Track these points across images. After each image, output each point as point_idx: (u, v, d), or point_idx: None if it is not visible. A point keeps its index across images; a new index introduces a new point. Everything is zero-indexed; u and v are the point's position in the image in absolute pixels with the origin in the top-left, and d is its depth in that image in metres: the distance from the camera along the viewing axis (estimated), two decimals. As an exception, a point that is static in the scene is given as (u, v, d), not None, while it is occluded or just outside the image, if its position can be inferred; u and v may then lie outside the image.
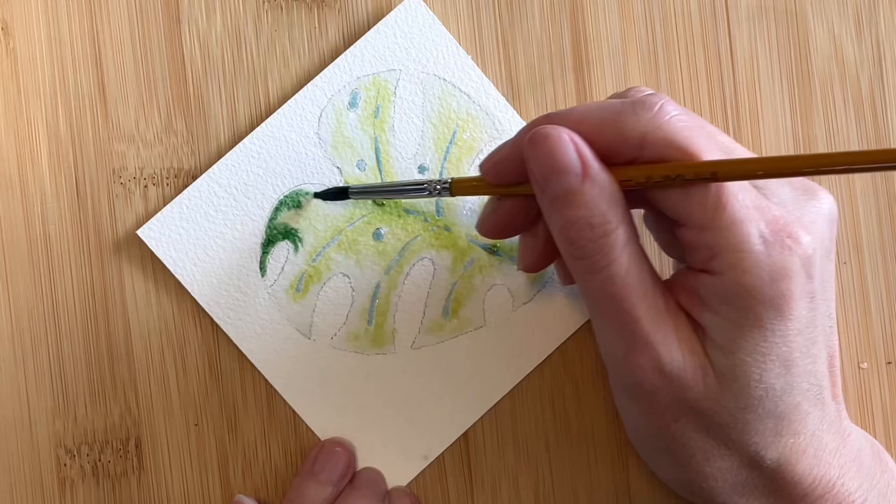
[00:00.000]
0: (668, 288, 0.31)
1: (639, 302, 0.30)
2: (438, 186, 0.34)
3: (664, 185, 0.30)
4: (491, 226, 0.34)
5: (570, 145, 0.30)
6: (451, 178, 0.34)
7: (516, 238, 0.38)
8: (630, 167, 0.30)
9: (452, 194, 0.34)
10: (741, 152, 0.32)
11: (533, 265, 0.34)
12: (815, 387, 0.31)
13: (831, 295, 0.32)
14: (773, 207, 0.30)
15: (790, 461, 0.31)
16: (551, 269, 0.38)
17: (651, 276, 0.31)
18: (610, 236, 0.30)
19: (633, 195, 0.31)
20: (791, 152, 0.39)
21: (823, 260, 0.31)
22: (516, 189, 0.32)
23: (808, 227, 0.30)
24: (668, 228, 0.32)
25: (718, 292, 0.30)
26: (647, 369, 0.30)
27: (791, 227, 0.30)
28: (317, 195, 0.38)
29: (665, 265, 0.38)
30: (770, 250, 0.29)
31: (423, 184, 0.35)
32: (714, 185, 0.29)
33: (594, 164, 0.30)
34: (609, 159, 0.30)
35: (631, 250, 0.30)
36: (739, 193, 0.29)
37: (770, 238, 0.29)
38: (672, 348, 0.30)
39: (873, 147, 0.39)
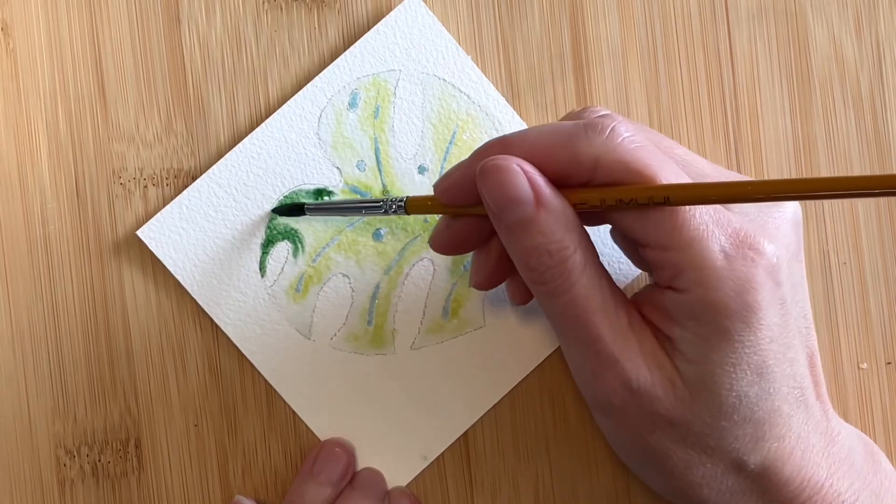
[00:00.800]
0: (635, 303, 0.32)
1: (601, 322, 0.30)
2: (394, 205, 0.35)
3: (619, 209, 0.30)
4: (444, 242, 0.34)
5: (521, 175, 0.30)
6: (406, 197, 0.35)
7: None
8: (584, 190, 0.30)
9: (407, 213, 0.35)
10: (700, 165, 0.32)
11: (485, 282, 0.34)
12: (795, 389, 0.31)
13: (804, 296, 0.32)
14: (733, 220, 0.30)
15: (775, 464, 0.31)
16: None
17: (612, 295, 0.31)
18: (568, 261, 0.30)
19: (593, 213, 0.31)
20: (791, 153, 0.39)
21: (791, 264, 0.31)
22: (470, 210, 0.33)
23: (773, 234, 0.30)
24: (633, 244, 0.32)
25: (685, 308, 0.30)
26: (615, 386, 0.31)
27: (752, 237, 0.30)
28: (274, 210, 0.38)
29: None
30: (732, 264, 0.29)
31: (378, 202, 0.35)
32: (672, 207, 0.29)
33: (546, 191, 0.30)
34: (563, 183, 0.30)
35: (590, 272, 0.30)
36: (696, 211, 0.29)
37: (731, 252, 0.29)
38: (637, 364, 0.30)
39: (872, 147, 0.39)
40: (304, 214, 0.37)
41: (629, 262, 0.37)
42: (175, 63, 0.38)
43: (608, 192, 0.30)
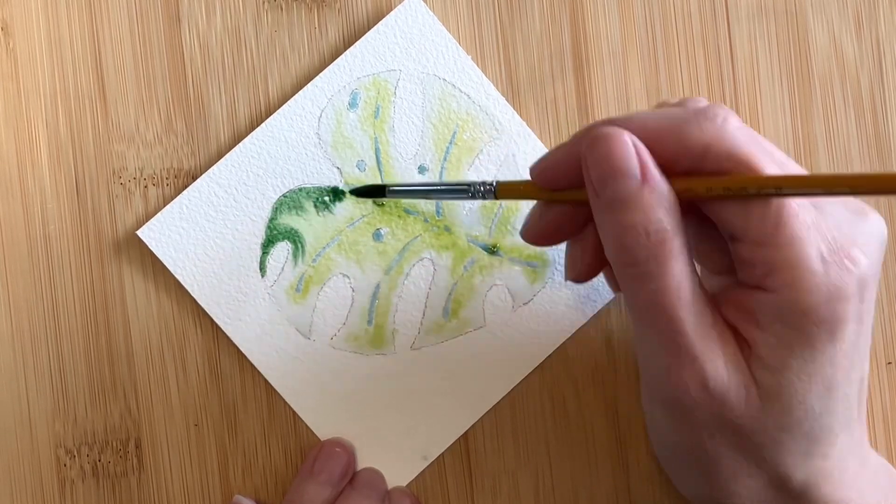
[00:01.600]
0: (715, 302, 0.31)
1: (688, 316, 0.29)
2: (482, 188, 0.34)
3: (723, 198, 0.29)
4: (537, 232, 0.33)
5: (632, 148, 0.29)
6: (497, 181, 0.33)
7: (518, 239, 0.38)
8: (691, 178, 0.29)
9: (497, 197, 0.34)
10: (796, 169, 0.31)
11: (582, 274, 0.33)
12: (847, 410, 0.31)
13: (871, 319, 0.31)
14: (831, 227, 0.29)
15: (816, 483, 0.31)
16: (547, 270, 0.38)
17: (702, 291, 0.30)
18: (665, 245, 0.29)
19: (682, 206, 0.30)
20: (791, 152, 0.39)
21: (874, 283, 0.30)
22: (566, 194, 0.31)
23: (864, 248, 0.30)
24: (711, 240, 0.31)
25: (772, 310, 0.29)
26: (692, 384, 0.29)
27: (849, 247, 0.29)
28: (353, 192, 0.37)
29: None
30: (829, 270, 0.28)
31: (466, 185, 0.34)
32: (775, 202, 0.28)
33: (654, 170, 0.29)
34: (667, 168, 0.29)
35: (683, 262, 0.29)
36: (800, 211, 0.29)
37: (829, 258, 0.29)
38: (718, 364, 0.29)
39: (873, 147, 0.39)
40: (385, 196, 0.37)
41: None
42: (175, 63, 0.38)
43: (717, 180, 0.29)
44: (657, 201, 0.29)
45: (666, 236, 0.29)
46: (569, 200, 0.32)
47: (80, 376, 0.38)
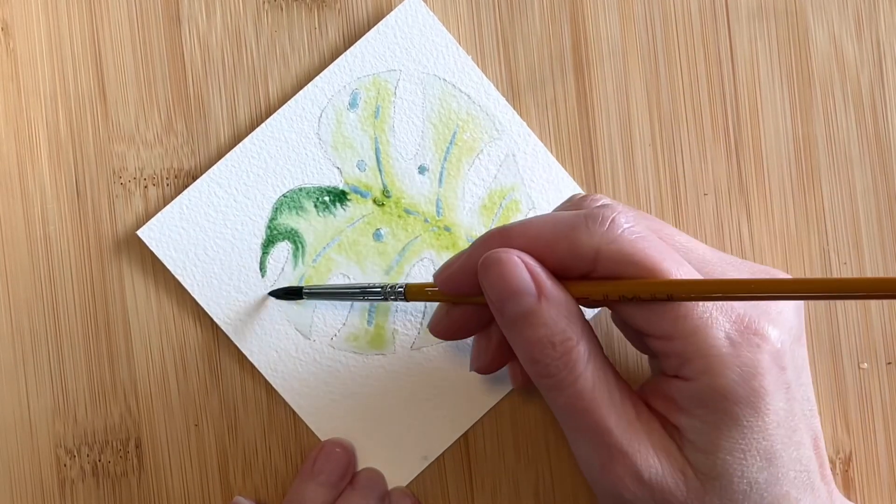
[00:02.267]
0: (642, 393, 0.32)
1: (608, 413, 0.30)
2: (392, 291, 0.35)
3: (622, 303, 0.30)
4: (444, 329, 0.34)
5: (522, 267, 0.30)
6: (406, 284, 0.35)
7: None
8: (587, 283, 0.30)
9: (407, 300, 0.35)
10: (701, 251, 0.32)
11: (486, 367, 0.34)
12: (802, 473, 0.31)
13: (807, 379, 0.32)
14: (736, 305, 0.30)
15: None
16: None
17: (618, 385, 0.31)
18: (572, 352, 0.30)
19: (591, 303, 0.31)
20: (791, 152, 0.39)
21: (794, 347, 0.31)
22: (469, 299, 0.33)
23: (775, 318, 0.30)
24: (636, 331, 0.32)
25: (693, 396, 0.30)
26: (626, 479, 0.30)
27: (756, 323, 0.30)
28: (271, 293, 0.38)
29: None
30: (738, 350, 0.29)
31: (377, 287, 0.35)
32: None
33: (548, 283, 0.30)
34: (563, 274, 0.30)
35: (595, 364, 0.30)
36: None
37: (737, 338, 0.29)
38: (648, 455, 0.30)
39: (873, 147, 0.39)
40: (302, 298, 0.37)
41: None
42: (175, 63, 0.38)
43: (611, 286, 0.30)
44: (557, 312, 0.30)
45: (571, 344, 0.30)
46: (472, 303, 0.33)
47: (80, 376, 0.38)
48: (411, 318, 0.38)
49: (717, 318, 0.29)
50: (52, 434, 0.38)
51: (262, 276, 0.38)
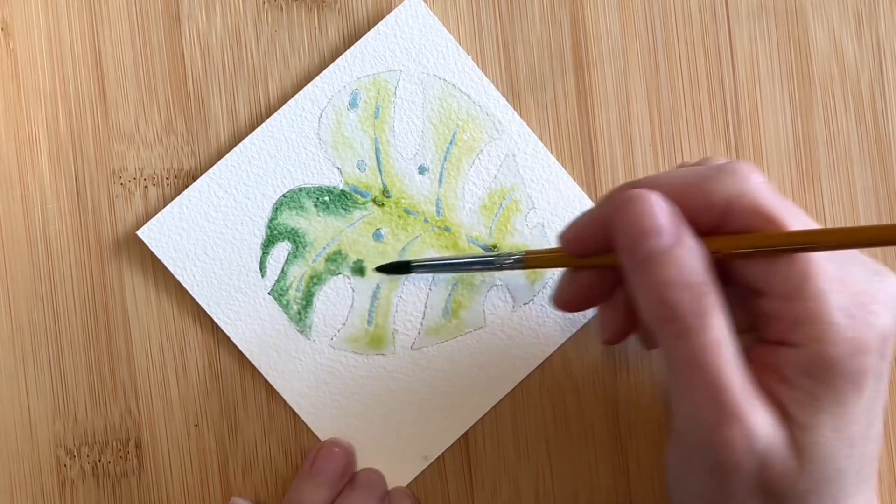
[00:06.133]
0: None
1: (732, 371, 0.29)
2: (510, 260, 0.34)
3: (751, 256, 0.29)
4: (569, 298, 0.33)
5: (663, 207, 0.29)
6: (525, 252, 0.34)
7: (517, 239, 0.38)
8: (718, 238, 0.30)
9: (525, 267, 0.34)
10: (813, 225, 0.31)
11: (616, 336, 0.33)
12: (862, 470, 0.30)
13: (886, 385, 0.31)
14: (853, 283, 0.29)
15: None
16: (548, 271, 0.38)
17: (740, 348, 0.29)
18: (705, 299, 0.29)
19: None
20: (791, 152, 0.39)
21: (892, 341, 0.30)
22: (595, 259, 0.32)
23: (888, 304, 0.30)
24: (730, 298, 0.31)
25: (799, 364, 0.29)
26: (739, 442, 0.29)
27: (871, 303, 0.29)
28: (378, 268, 0.38)
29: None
30: (853, 324, 0.29)
31: (491, 257, 0.35)
32: (800, 256, 0.28)
33: (686, 228, 0.29)
34: (693, 225, 0.30)
35: (722, 318, 0.29)
36: (825, 265, 0.29)
37: (853, 311, 0.29)
38: (765, 423, 0.29)
39: (873, 146, 0.39)
40: (410, 272, 0.37)
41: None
42: (175, 63, 0.38)
43: (745, 238, 0.29)
44: (695, 257, 0.29)
45: (705, 290, 0.29)
46: (598, 266, 0.32)
47: (80, 376, 0.38)
48: (411, 318, 0.38)
49: (838, 287, 0.29)
50: (52, 434, 0.38)
51: (262, 276, 0.38)
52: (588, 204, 0.39)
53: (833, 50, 0.39)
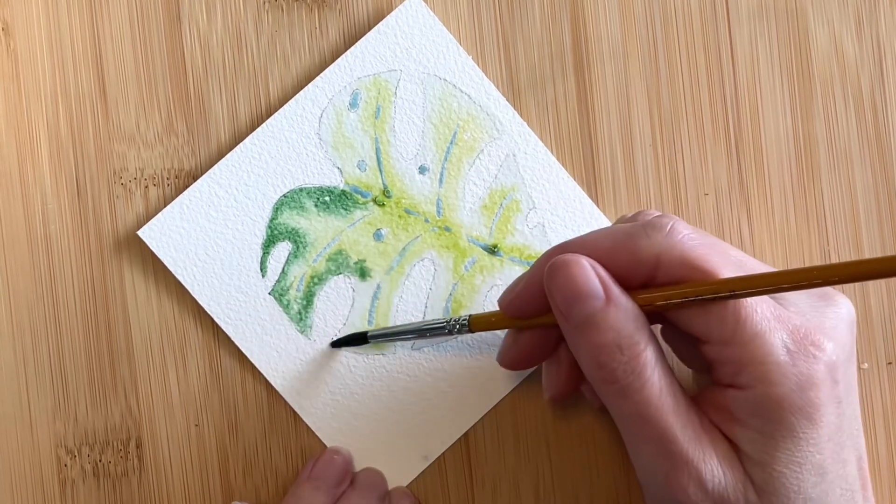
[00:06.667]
0: (697, 404, 0.31)
1: (675, 421, 0.30)
2: (457, 324, 0.35)
3: (681, 306, 0.30)
4: (512, 358, 0.34)
5: (591, 271, 0.30)
6: (469, 315, 0.35)
7: (518, 239, 0.38)
8: (648, 291, 0.30)
9: (471, 331, 0.35)
10: (754, 265, 0.32)
11: (560, 393, 0.34)
12: (847, 491, 0.31)
13: (855, 398, 0.32)
14: (792, 316, 0.30)
15: None
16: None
17: (682, 394, 0.30)
18: (640, 357, 0.30)
19: (651, 313, 0.31)
20: (791, 151, 0.39)
21: (846, 364, 0.31)
22: (535, 321, 0.33)
23: (830, 333, 0.30)
24: (688, 342, 0.32)
25: (748, 406, 0.30)
26: (690, 488, 0.30)
27: (813, 334, 0.30)
28: (333, 343, 0.38)
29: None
30: (795, 360, 0.29)
31: (440, 323, 0.36)
32: (732, 301, 0.29)
33: (615, 288, 0.30)
34: (624, 283, 0.30)
35: (661, 370, 0.30)
36: (758, 306, 0.29)
37: (793, 347, 0.29)
38: (713, 465, 0.30)
39: (873, 146, 0.39)
40: (367, 343, 0.37)
41: None
42: (176, 63, 0.38)
43: (673, 290, 0.30)
44: (625, 317, 0.30)
45: (639, 349, 0.30)
46: (539, 326, 0.33)
47: (80, 376, 0.38)
48: (412, 319, 0.38)
49: (776, 326, 0.29)
50: (53, 434, 0.38)
51: (263, 276, 0.38)
52: (588, 204, 0.39)
53: (833, 50, 0.39)
